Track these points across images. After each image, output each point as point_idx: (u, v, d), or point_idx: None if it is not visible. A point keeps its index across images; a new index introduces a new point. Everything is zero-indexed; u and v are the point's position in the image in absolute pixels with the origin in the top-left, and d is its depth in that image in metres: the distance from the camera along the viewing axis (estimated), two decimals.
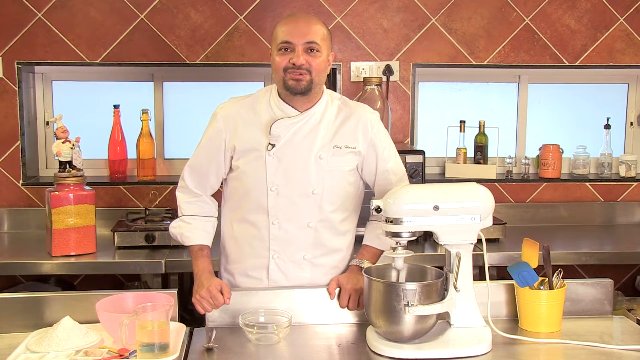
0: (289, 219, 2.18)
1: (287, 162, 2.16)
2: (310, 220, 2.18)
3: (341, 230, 2.25)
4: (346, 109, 2.23)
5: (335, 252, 2.25)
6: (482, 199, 1.93)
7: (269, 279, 2.23)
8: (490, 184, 3.57)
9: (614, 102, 3.89)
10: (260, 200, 2.18)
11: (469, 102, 3.85)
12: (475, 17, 3.59)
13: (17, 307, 2.06)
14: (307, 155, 2.16)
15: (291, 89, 2.11)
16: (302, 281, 2.22)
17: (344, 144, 2.18)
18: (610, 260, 3.20)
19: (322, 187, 2.17)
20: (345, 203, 2.23)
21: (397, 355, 1.85)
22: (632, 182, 3.74)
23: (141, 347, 1.79)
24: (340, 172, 2.19)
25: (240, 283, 2.27)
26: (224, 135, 2.20)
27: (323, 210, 2.18)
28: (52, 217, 2.92)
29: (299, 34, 2.08)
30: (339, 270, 2.26)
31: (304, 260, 2.22)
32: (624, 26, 3.64)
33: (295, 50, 2.08)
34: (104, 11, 3.45)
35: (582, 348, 1.93)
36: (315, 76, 2.10)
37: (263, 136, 2.16)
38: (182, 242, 2.28)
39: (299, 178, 2.16)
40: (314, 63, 2.09)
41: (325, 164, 2.16)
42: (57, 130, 2.96)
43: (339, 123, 2.20)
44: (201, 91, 3.73)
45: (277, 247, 2.20)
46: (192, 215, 2.28)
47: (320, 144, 2.17)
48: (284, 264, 2.22)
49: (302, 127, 2.17)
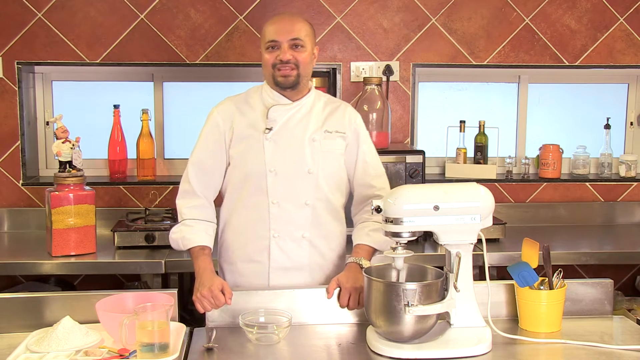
0: (288, 198, 2.29)
1: (283, 144, 2.29)
2: (308, 199, 2.30)
3: (337, 215, 2.37)
4: (333, 103, 2.42)
5: (332, 235, 2.36)
6: (482, 199, 1.93)
7: (270, 260, 2.31)
8: (490, 184, 3.57)
9: (614, 102, 3.89)
10: (260, 183, 2.29)
11: (469, 102, 3.85)
12: (475, 17, 3.59)
13: (17, 307, 2.06)
14: (301, 138, 2.31)
15: (280, 84, 2.28)
16: (301, 260, 2.32)
17: (334, 129, 2.34)
18: (610, 260, 3.20)
19: (317, 167, 2.30)
20: (341, 185, 2.36)
21: (397, 355, 1.85)
22: (632, 182, 3.74)
23: (141, 347, 1.79)
24: (333, 154, 2.33)
25: (242, 269, 2.34)
26: (222, 128, 2.32)
27: (320, 189, 2.31)
28: (52, 217, 2.92)
29: (284, 32, 2.25)
30: (334, 254, 2.37)
31: (303, 238, 2.31)
32: (624, 26, 3.64)
33: (282, 47, 2.24)
34: (104, 11, 3.45)
35: (582, 348, 1.93)
36: (302, 70, 2.27)
37: (260, 122, 2.31)
38: (182, 246, 2.29)
39: (295, 158, 2.30)
40: (300, 57, 2.25)
41: (318, 145, 2.31)
42: (57, 130, 2.96)
43: (328, 112, 2.37)
44: (201, 91, 3.73)
45: (277, 226, 2.30)
46: (194, 219, 2.31)
47: (312, 128, 2.32)
48: (285, 243, 2.31)
49: (295, 114, 2.32)
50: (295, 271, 2.32)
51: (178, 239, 2.29)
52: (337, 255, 2.38)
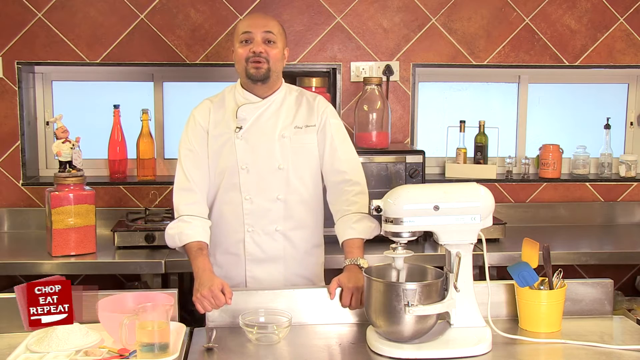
0: (260, 194, 2.38)
1: (253, 142, 2.37)
2: (279, 193, 2.38)
3: (310, 206, 2.43)
4: (303, 97, 2.47)
5: (306, 226, 2.43)
6: (482, 199, 1.93)
7: (245, 252, 2.40)
8: (490, 184, 3.57)
9: (614, 102, 3.88)
10: (233, 179, 2.38)
11: (469, 102, 3.84)
12: (475, 17, 3.59)
13: (17, 307, 2.06)
14: (271, 135, 2.38)
15: (252, 77, 2.34)
16: (275, 252, 2.40)
17: (304, 123, 2.41)
18: (610, 260, 3.20)
19: (287, 162, 2.38)
20: (314, 177, 2.42)
21: (397, 355, 1.85)
22: (632, 182, 3.74)
23: (141, 347, 1.79)
24: (303, 148, 2.40)
25: (221, 261, 2.44)
26: (202, 125, 2.42)
27: (291, 183, 2.38)
28: (52, 217, 2.92)
29: (257, 25, 2.34)
30: (309, 245, 2.45)
31: (277, 232, 2.40)
32: (624, 26, 3.64)
33: (255, 40, 2.32)
34: (104, 11, 3.45)
35: (582, 348, 1.93)
36: (272, 64, 2.34)
37: (231, 121, 2.39)
38: (179, 241, 2.29)
39: (266, 156, 2.37)
40: (272, 53, 2.33)
41: (288, 142, 2.38)
42: (57, 130, 2.96)
43: (297, 107, 2.44)
44: (201, 91, 3.70)
45: (250, 220, 2.38)
46: (191, 215, 2.32)
47: (282, 125, 2.39)
48: (259, 237, 2.39)
49: (265, 112, 2.40)
50: (271, 262, 2.40)
51: (175, 235, 2.29)
52: (311, 245, 2.46)
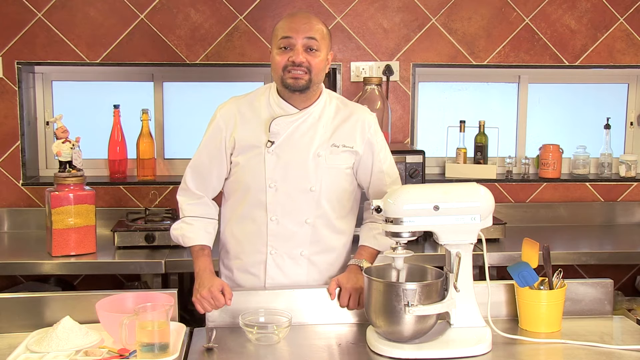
0: (287, 215, 2.20)
1: (286, 158, 2.18)
2: (308, 217, 2.21)
3: (339, 229, 2.27)
4: (345, 109, 2.26)
5: (332, 250, 2.28)
6: (482, 199, 1.93)
7: (266, 275, 2.25)
8: (490, 184, 3.57)
9: (614, 102, 3.89)
10: (259, 197, 2.20)
11: (469, 102, 3.84)
12: (475, 17, 3.59)
13: (17, 307, 2.06)
14: (305, 152, 2.18)
15: (290, 87, 2.13)
16: (298, 278, 2.25)
17: (342, 143, 2.21)
18: (610, 260, 3.20)
19: (320, 184, 2.19)
20: (343, 201, 2.25)
21: (397, 355, 1.85)
22: (632, 182, 3.74)
23: (141, 347, 1.79)
24: (337, 170, 2.22)
25: (239, 279, 2.30)
26: (224, 133, 2.23)
27: (321, 206, 2.21)
28: (52, 217, 2.92)
29: (299, 29, 2.10)
30: (334, 269, 2.29)
31: (301, 256, 2.24)
32: (624, 26, 3.64)
33: (295, 47, 2.10)
34: (104, 11, 3.45)
35: (582, 348, 1.93)
36: (314, 75, 2.12)
37: (262, 133, 2.19)
38: (183, 243, 2.28)
39: (298, 175, 2.18)
40: (313, 62, 2.11)
41: (323, 161, 2.19)
42: (57, 130, 2.96)
43: (338, 123, 2.23)
44: (201, 91, 3.73)
45: (275, 243, 2.22)
46: (194, 217, 2.29)
47: (318, 142, 2.19)
48: (282, 260, 2.24)
49: (301, 125, 2.19)
50: None
51: (178, 236, 2.28)
52: (337, 269, 2.29)
